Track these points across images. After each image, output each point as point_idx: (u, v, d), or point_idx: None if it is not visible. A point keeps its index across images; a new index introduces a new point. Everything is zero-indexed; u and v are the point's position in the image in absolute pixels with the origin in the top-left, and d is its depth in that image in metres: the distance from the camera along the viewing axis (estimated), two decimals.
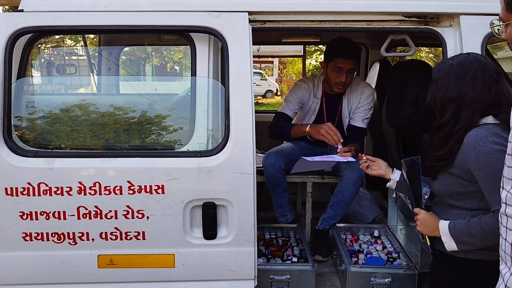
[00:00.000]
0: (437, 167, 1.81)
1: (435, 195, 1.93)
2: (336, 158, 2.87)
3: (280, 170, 3.16)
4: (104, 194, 2.15)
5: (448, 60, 1.84)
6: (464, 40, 2.27)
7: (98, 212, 2.17)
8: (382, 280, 2.62)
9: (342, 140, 2.93)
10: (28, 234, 2.17)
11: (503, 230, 1.29)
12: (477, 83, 1.72)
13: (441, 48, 2.40)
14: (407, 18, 2.35)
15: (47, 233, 2.18)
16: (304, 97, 3.29)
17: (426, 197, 1.96)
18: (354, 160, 2.89)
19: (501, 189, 1.30)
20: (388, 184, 2.23)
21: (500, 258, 1.32)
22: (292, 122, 3.33)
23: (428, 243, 1.91)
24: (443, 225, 1.78)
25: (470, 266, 1.75)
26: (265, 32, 2.48)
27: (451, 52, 2.30)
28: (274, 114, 3.35)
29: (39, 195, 2.13)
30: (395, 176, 2.18)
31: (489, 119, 1.70)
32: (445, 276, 1.86)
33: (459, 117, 1.73)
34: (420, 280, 2.62)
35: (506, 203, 1.27)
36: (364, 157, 2.31)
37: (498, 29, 1.47)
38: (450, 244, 1.76)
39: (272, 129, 3.24)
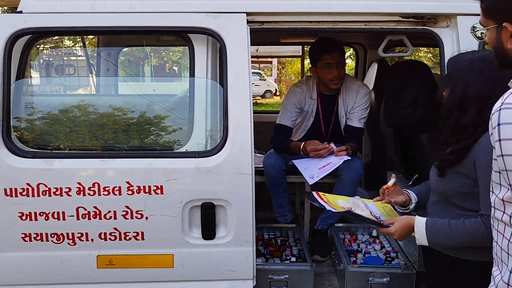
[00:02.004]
0: (449, 161, 1.74)
1: (434, 193, 1.90)
2: (333, 161, 2.91)
3: (281, 170, 3.17)
4: (103, 194, 2.16)
5: (466, 54, 1.76)
6: (461, 40, 2.28)
7: (97, 213, 2.17)
8: (380, 279, 2.63)
9: (330, 146, 2.99)
10: (28, 235, 2.18)
11: (495, 233, 1.30)
12: (504, 82, 1.60)
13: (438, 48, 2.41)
14: (404, 19, 2.36)
15: (47, 234, 2.19)
16: (301, 101, 3.30)
17: (376, 214, 1.98)
18: (350, 158, 2.94)
19: (490, 193, 1.31)
20: (410, 209, 2.06)
21: (493, 260, 1.33)
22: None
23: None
24: (420, 223, 1.77)
25: (463, 266, 1.75)
26: (263, 33, 2.49)
27: (448, 52, 2.31)
28: (273, 114, 3.35)
29: (38, 195, 2.14)
30: (414, 198, 2.04)
31: None
32: (440, 276, 1.86)
33: (484, 117, 1.58)
34: (418, 279, 2.62)
35: (494, 207, 1.28)
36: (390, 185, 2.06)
37: (481, 33, 1.48)
38: (421, 241, 1.77)
39: (274, 144, 3.27)
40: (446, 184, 1.80)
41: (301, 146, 3.07)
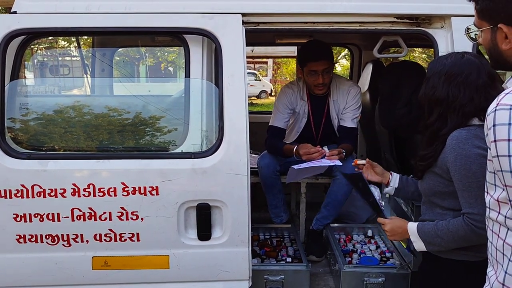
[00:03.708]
0: (421, 166, 1.82)
1: (422, 194, 1.94)
2: (323, 162, 2.91)
3: (275, 171, 3.17)
4: (98, 195, 2.15)
5: (442, 59, 1.81)
6: (455, 41, 2.29)
7: (92, 214, 2.16)
8: (376, 279, 2.63)
9: (322, 149, 2.97)
10: (22, 236, 2.17)
11: (490, 234, 1.30)
12: (469, 87, 1.69)
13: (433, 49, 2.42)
14: (399, 20, 2.37)
15: (41, 235, 2.18)
16: (292, 102, 3.31)
17: (381, 202, 2.01)
18: (341, 164, 2.92)
19: (485, 193, 1.31)
20: (386, 190, 2.18)
21: (488, 261, 1.34)
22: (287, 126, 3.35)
23: (405, 246, 1.94)
24: (412, 226, 1.83)
25: (453, 266, 1.76)
26: (258, 33, 2.49)
27: (442, 53, 2.31)
28: (268, 115, 3.35)
29: (33, 197, 2.13)
30: (393, 182, 2.13)
31: (474, 120, 1.69)
32: (431, 277, 1.87)
33: (447, 120, 1.72)
34: (413, 279, 2.63)
35: (489, 208, 1.28)
36: (358, 162, 2.23)
37: (475, 35, 1.49)
38: (419, 244, 1.81)
39: (267, 146, 3.28)
40: (425, 184, 1.85)
41: (294, 150, 3.07)
